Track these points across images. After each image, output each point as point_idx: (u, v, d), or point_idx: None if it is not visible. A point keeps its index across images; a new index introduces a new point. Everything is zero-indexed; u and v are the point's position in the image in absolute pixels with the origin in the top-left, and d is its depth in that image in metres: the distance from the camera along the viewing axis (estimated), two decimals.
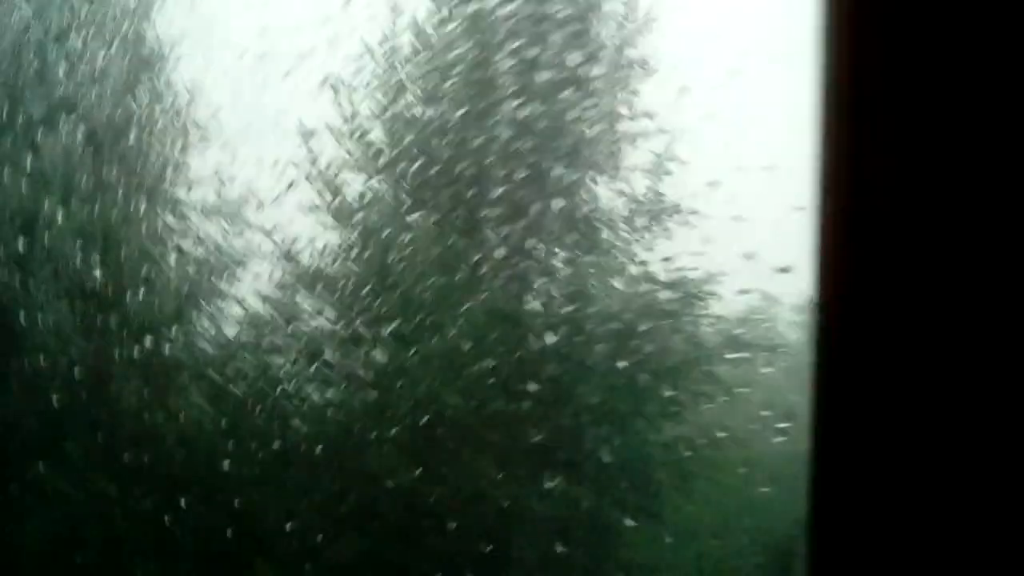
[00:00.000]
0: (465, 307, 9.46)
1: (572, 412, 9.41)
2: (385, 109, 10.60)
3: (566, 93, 9.90)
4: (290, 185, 10.23)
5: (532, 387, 9.33)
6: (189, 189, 10.80)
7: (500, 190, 9.86)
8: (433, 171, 10.23)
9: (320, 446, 9.35)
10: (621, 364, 9.35)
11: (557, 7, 9.96)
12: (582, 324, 9.52)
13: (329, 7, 10.07)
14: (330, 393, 9.91)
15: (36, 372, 9.39)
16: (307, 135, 10.31)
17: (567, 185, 9.92)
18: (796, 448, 7.90)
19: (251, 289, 10.28)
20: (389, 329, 9.91)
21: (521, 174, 9.84)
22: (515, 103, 9.78)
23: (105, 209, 10.14)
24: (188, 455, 9.24)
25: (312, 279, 10.16)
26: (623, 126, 10.15)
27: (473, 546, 8.99)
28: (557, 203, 9.87)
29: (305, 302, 10.17)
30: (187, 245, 10.59)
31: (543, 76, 9.87)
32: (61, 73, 10.46)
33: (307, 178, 10.33)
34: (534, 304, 9.94)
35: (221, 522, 9.03)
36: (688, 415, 9.37)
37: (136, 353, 9.68)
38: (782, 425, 8.69)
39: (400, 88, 10.57)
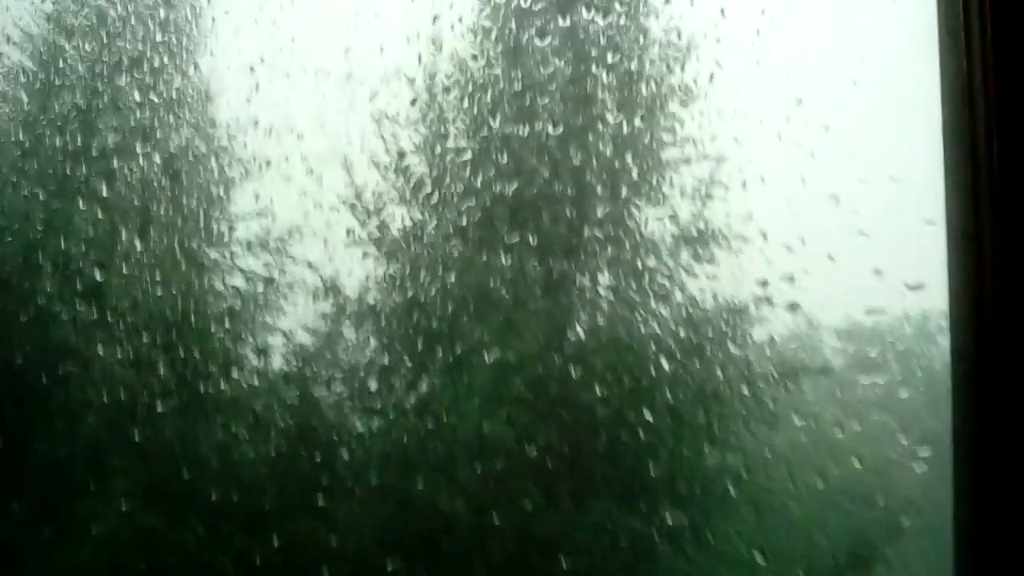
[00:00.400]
0: (510, 336, 9.40)
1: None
2: (427, 140, 10.61)
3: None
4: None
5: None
6: (233, 224, 10.83)
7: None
8: (476, 203, 10.21)
9: (367, 477, 9.28)
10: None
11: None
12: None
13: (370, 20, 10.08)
14: (376, 424, 9.84)
15: (81, 405, 9.37)
16: (348, 164, 10.32)
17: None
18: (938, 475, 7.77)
19: (296, 322, 10.25)
20: (434, 360, 9.88)
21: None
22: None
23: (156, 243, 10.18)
24: (234, 488, 9.17)
25: (357, 311, 10.13)
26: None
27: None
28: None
29: (350, 333, 10.15)
30: (231, 279, 10.60)
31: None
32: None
33: (351, 210, 10.33)
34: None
35: (267, 555, 8.96)
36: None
37: (182, 386, 9.65)
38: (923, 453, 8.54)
39: (442, 119, 10.57)
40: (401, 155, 10.52)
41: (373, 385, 10.06)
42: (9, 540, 8.89)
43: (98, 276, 9.96)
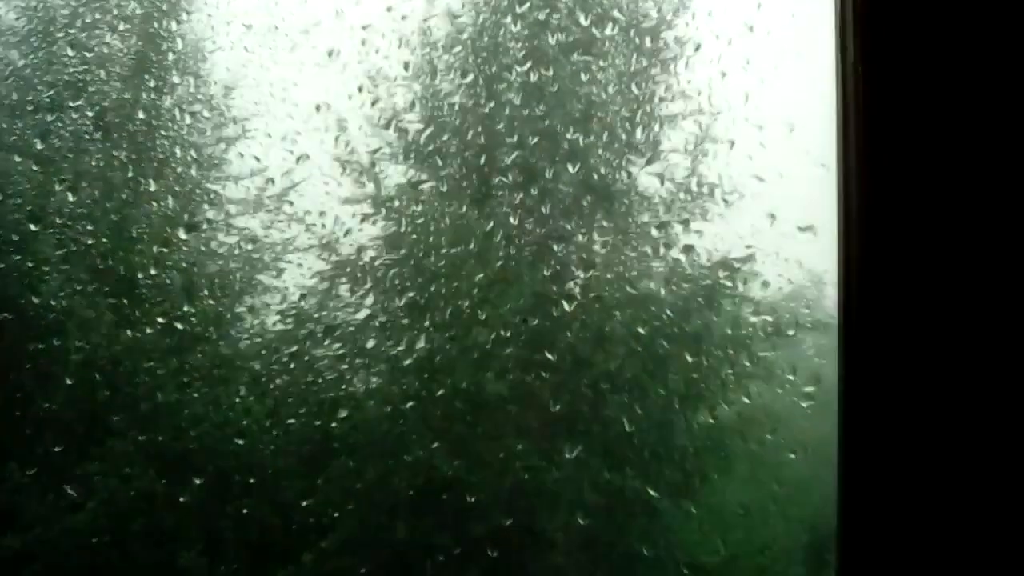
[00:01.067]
0: (504, 293, 9.44)
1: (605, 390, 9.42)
2: (420, 97, 10.63)
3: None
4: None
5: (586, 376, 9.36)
6: (226, 183, 10.90)
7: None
8: (470, 158, 10.26)
9: (364, 435, 9.37)
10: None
11: None
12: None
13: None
14: (373, 382, 9.92)
15: (81, 367, 9.45)
16: (343, 125, 10.34)
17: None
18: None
19: (292, 281, 10.32)
20: (429, 316, 9.95)
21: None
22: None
23: (145, 203, 10.24)
24: (233, 448, 9.27)
25: (352, 269, 10.20)
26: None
27: (519, 528, 8.98)
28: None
29: (345, 292, 10.21)
30: (227, 239, 10.67)
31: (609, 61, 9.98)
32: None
33: (344, 168, 10.37)
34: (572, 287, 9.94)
35: (267, 515, 9.07)
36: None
37: (179, 347, 9.74)
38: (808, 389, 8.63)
39: (434, 75, 10.59)
40: (395, 113, 10.55)
41: (369, 343, 10.15)
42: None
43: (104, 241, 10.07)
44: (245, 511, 9.10)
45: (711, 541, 9.18)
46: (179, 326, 9.77)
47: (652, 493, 9.13)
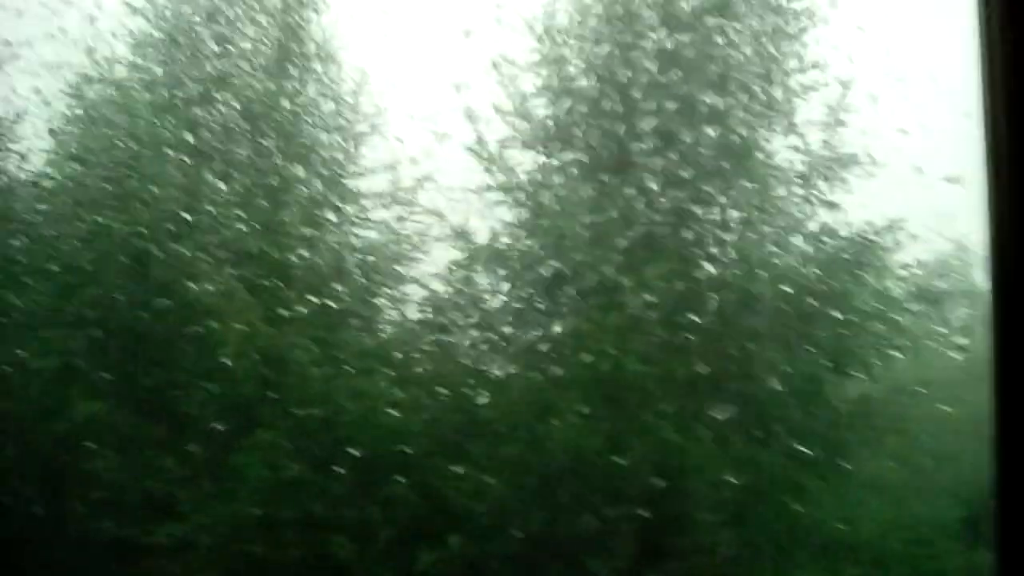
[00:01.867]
0: (641, 272, 9.42)
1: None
2: (549, 85, 10.67)
3: None
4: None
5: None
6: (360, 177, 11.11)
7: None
8: (604, 141, 10.27)
9: (504, 420, 9.45)
10: None
11: None
12: None
13: None
14: (512, 367, 10.00)
15: (225, 362, 9.69)
16: (474, 116, 10.44)
17: None
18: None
19: (429, 271, 10.47)
20: (566, 300, 10.00)
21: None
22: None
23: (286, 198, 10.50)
24: (377, 435, 9.42)
25: (487, 257, 10.29)
26: None
27: (657, 514, 8.96)
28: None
29: (482, 280, 10.32)
30: (364, 232, 10.88)
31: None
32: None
33: (477, 158, 10.47)
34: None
35: (412, 499, 9.20)
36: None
37: (322, 338, 9.94)
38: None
39: (562, 62, 10.61)
40: (523, 99, 10.61)
41: (507, 329, 10.23)
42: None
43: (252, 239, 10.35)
44: (391, 496, 9.24)
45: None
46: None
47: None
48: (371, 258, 10.73)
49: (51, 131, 10.95)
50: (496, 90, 10.52)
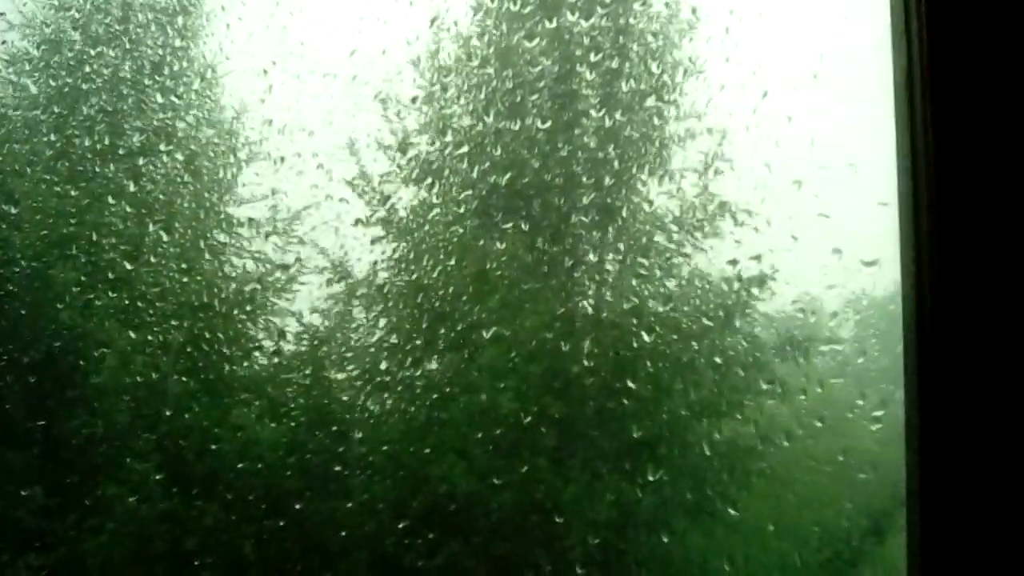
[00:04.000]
0: (516, 314, 9.55)
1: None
2: (432, 121, 10.77)
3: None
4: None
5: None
6: (240, 206, 11.05)
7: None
8: (480, 181, 10.38)
9: (380, 456, 9.46)
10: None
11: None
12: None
13: (373, 24, 10.29)
14: (389, 403, 10.03)
15: (100, 390, 9.54)
16: (355, 149, 10.49)
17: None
18: (891, 435, 7.98)
19: (306, 303, 10.45)
20: (442, 338, 10.06)
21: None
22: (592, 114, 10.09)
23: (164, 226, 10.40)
24: (249, 469, 9.36)
25: (365, 292, 10.33)
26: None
27: (536, 551, 9.07)
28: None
29: (359, 314, 10.35)
30: (241, 261, 10.81)
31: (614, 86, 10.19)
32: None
33: (357, 192, 10.50)
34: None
35: (285, 535, 9.16)
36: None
37: (194, 368, 9.85)
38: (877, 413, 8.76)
39: (445, 100, 10.74)
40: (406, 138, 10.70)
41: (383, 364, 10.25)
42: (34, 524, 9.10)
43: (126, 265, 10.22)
44: (263, 532, 9.18)
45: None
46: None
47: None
48: (248, 287, 10.63)
49: None
50: (380, 124, 10.60)
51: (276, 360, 10.43)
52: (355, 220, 10.48)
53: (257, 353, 10.53)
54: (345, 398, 9.99)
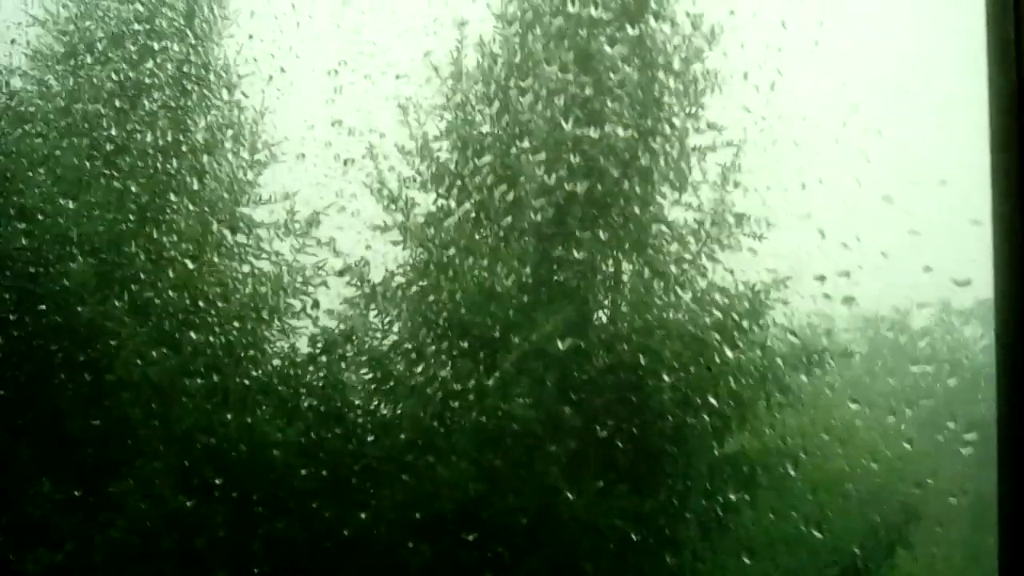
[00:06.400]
0: (533, 321, 9.51)
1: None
2: (452, 128, 10.73)
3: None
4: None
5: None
6: (258, 206, 11.01)
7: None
8: (500, 188, 10.34)
9: (391, 458, 9.42)
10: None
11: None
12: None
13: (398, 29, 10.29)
14: (401, 406, 9.97)
15: (112, 389, 9.50)
16: (375, 155, 10.45)
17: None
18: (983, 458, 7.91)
19: (322, 306, 10.40)
20: (457, 343, 10.02)
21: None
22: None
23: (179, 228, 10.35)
24: (262, 469, 9.32)
25: (382, 295, 10.27)
26: None
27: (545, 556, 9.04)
28: None
29: (375, 317, 10.29)
30: (258, 263, 10.76)
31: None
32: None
33: (376, 197, 10.47)
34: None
35: (295, 534, 9.12)
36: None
37: (210, 368, 9.80)
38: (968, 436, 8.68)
39: (466, 107, 10.69)
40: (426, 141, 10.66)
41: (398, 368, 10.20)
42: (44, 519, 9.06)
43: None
44: (274, 531, 9.14)
45: None
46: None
47: None
48: (263, 289, 10.57)
49: None
50: (400, 130, 10.56)
51: (290, 362, 10.37)
52: (373, 224, 10.46)
53: (271, 354, 10.48)
54: (358, 401, 9.94)
